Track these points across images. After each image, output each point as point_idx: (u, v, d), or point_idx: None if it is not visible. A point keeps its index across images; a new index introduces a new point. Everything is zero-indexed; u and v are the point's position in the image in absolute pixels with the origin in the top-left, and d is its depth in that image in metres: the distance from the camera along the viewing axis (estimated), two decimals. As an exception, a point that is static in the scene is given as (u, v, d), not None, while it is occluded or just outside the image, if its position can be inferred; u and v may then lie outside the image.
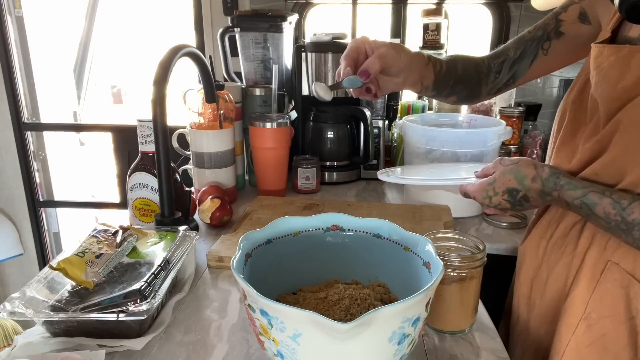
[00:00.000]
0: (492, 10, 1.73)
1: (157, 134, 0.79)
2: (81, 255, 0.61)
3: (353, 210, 1.01)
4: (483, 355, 0.59)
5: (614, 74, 0.59)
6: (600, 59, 0.61)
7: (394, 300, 0.57)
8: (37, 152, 2.03)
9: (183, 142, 1.14)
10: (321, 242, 0.63)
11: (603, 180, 0.62)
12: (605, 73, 0.60)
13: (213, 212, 0.94)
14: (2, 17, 1.81)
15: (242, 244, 0.55)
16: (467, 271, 0.61)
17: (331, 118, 1.28)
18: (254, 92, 1.22)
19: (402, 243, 0.59)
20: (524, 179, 0.65)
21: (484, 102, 1.33)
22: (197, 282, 0.77)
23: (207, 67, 0.93)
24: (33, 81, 1.95)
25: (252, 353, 0.59)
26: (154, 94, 0.78)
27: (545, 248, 0.72)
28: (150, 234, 0.74)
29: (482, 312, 0.68)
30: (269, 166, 1.14)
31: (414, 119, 1.17)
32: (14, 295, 0.57)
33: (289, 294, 0.59)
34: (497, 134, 1.03)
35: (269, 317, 0.44)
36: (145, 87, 1.03)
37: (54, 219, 2.13)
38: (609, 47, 0.60)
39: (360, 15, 1.67)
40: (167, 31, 3.86)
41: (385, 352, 0.45)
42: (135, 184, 0.90)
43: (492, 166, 0.71)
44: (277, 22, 1.25)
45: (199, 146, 1.06)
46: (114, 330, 0.58)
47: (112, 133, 1.96)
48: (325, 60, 1.25)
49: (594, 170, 0.63)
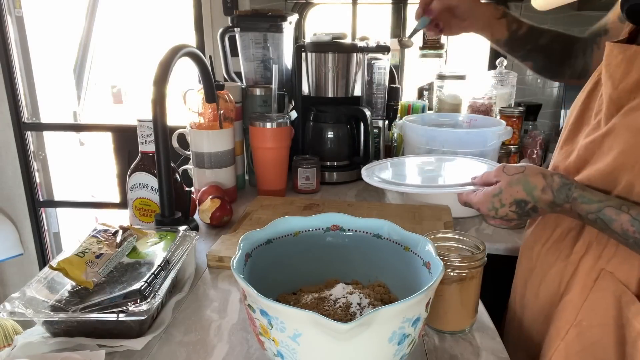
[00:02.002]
0: (492, 10, 1.73)
1: (157, 134, 0.79)
2: (81, 255, 0.61)
3: (353, 210, 1.01)
4: (483, 355, 0.59)
5: (618, 73, 0.58)
6: (610, 58, 0.60)
7: (394, 300, 0.57)
8: (37, 152, 2.03)
9: (183, 142, 1.14)
10: (321, 242, 0.63)
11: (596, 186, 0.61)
12: (611, 72, 0.59)
13: (213, 212, 0.94)
14: (2, 17, 1.81)
15: (242, 244, 0.55)
16: (467, 271, 0.61)
17: (331, 118, 1.28)
18: (254, 92, 1.22)
19: (402, 243, 0.59)
20: (534, 189, 0.61)
21: (484, 102, 1.33)
22: (197, 282, 0.77)
23: (207, 67, 0.93)
24: (33, 81, 1.95)
25: (252, 353, 0.59)
26: (154, 94, 0.78)
27: (540, 252, 0.72)
28: (150, 234, 0.74)
29: (482, 312, 0.68)
30: (269, 166, 1.14)
31: (414, 119, 1.17)
32: (14, 295, 0.57)
33: (289, 294, 0.59)
34: (497, 134, 1.02)
35: (269, 317, 0.44)
36: (145, 87, 1.03)
37: (54, 219, 2.13)
38: (618, 46, 0.59)
39: (360, 15, 1.67)
40: (167, 31, 3.86)
41: (385, 352, 0.45)
42: (135, 184, 0.90)
43: (494, 174, 0.66)
44: (277, 22, 1.25)
45: (199, 146, 1.06)
46: (114, 330, 0.58)
47: (112, 133, 1.96)
48: (326, 60, 1.25)
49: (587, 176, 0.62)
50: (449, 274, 0.60)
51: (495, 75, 1.46)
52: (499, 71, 1.45)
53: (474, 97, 1.36)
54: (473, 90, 1.40)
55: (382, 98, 1.37)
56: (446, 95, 1.42)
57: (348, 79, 1.28)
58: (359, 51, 1.27)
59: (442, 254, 0.60)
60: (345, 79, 1.28)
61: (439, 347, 0.61)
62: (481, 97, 1.35)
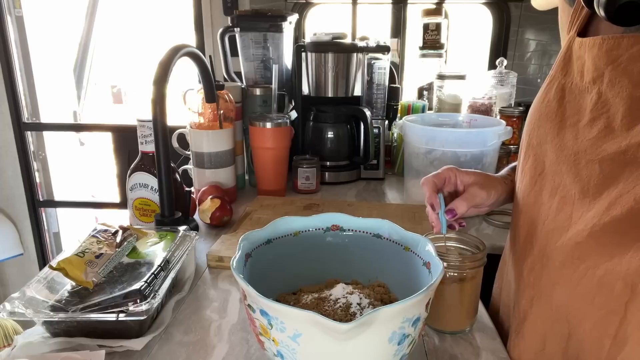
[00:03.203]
0: (492, 10, 1.73)
1: (157, 134, 0.79)
2: (81, 255, 0.61)
3: (353, 210, 1.01)
4: (483, 355, 0.59)
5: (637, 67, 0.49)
6: (618, 52, 0.51)
7: (394, 300, 0.57)
8: (37, 152, 2.03)
9: (183, 142, 1.14)
10: (321, 242, 0.63)
11: None
12: (625, 67, 0.50)
13: (213, 212, 0.94)
14: (2, 17, 1.81)
15: (242, 244, 0.55)
16: (467, 271, 0.61)
17: (331, 118, 1.28)
18: (254, 92, 1.22)
19: (402, 243, 0.59)
20: None
21: (484, 102, 1.33)
22: (197, 282, 0.77)
23: (207, 67, 0.93)
24: (33, 81, 1.96)
25: (252, 353, 0.59)
26: (154, 93, 0.78)
27: None
28: (150, 234, 0.74)
29: (482, 312, 0.68)
30: (269, 166, 1.14)
31: (414, 119, 1.16)
32: (14, 295, 0.57)
33: (289, 294, 0.59)
34: (497, 134, 1.02)
35: (269, 317, 0.44)
36: (145, 87, 1.03)
37: (54, 219, 2.14)
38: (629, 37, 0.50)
39: (360, 15, 1.67)
40: (167, 31, 3.87)
41: (385, 353, 0.45)
42: (135, 184, 0.90)
43: None
44: (277, 22, 1.25)
45: (199, 146, 1.06)
46: (113, 330, 0.58)
47: (112, 133, 1.97)
48: (326, 60, 1.25)
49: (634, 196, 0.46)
50: (449, 274, 0.60)
51: (495, 75, 1.46)
52: (499, 71, 1.45)
53: (474, 97, 1.36)
54: (473, 90, 1.40)
55: (382, 98, 1.37)
56: (446, 95, 1.43)
57: (348, 79, 1.28)
58: (359, 51, 1.27)
59: (442, 254, 0.60)
60: (345, 79, 1.28)
61: (439, 347, 0.61)
62: (481, 97, 1.35)
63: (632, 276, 0.46)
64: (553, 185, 0.57)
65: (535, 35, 1.72)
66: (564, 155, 0.55)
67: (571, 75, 0.57)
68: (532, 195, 0.60)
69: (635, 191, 0.46)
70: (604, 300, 0.49)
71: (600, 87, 0.52)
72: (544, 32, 1.71)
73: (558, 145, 0.56)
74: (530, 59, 1.75)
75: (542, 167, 0.59)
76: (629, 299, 0.46)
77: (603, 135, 0.51)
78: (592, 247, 0.50)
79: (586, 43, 0.54)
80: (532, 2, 0.72)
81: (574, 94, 0.56)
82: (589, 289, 0.50)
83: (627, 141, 0.48)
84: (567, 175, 0.54)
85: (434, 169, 1.03)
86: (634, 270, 0.45)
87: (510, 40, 1.72)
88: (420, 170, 1.08)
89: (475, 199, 0.66)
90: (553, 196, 0.56)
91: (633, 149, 0.47)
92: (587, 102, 0.54)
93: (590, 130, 0.52)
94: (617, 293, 0.47)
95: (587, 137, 0.53)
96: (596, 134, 0.52)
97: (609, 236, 0.48)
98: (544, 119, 0.59)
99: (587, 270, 0.50)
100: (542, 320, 0.57)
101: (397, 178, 1.36)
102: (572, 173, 0.54)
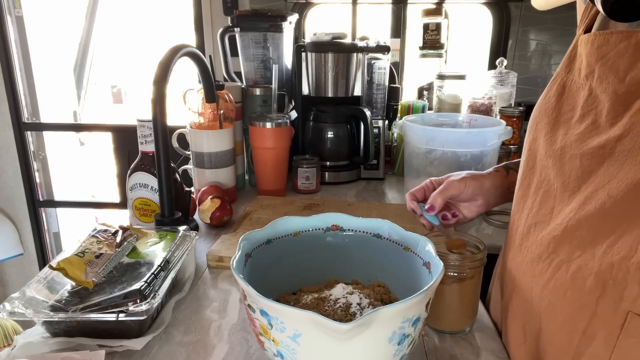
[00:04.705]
0: (492, 10, 1.73)
1: (157, 134, 0.79)
2: (81, 255, 0.61)
3: (353, 210, 1.01)
4: (483, 355, 0.59)
5: (623, 63, 0.49)
6: (606, 49, 0.51)
7: (394, 300, 0.57)
8: (37, 152, 2.03)
9: (183, 142, 1.14)
10: (321, 242, 0.63)
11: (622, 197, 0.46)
12: (612, 63, 0.51)
13: (213, 212, 0.94)
14: (2, 17, 1.81)
15: (242, 244, 0.55)
16: (467, 271, 0.61)
17: (331, 118, 1.28)
18: (254, 92, 1.22)
19: (402, 243, 0.59)
20: None
21: (484, 102, 1.33)
22: (197, 282, 0.77)
23: (207, 67, 0.93)
24: (33, 81, 1.96)
25: (252, 353, 0.59)
26: (154, 93, 0.78)
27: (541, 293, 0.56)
28: (150, 234, 0.74)
29: (482, 312, 0.68)
30: (269, 166, 1.14)
31: (414, 119, 1.16)
32: (14, 295, 0.57)
33: (289, 294, 0.59)
34: (497, 134, 1.02)
35: (269, 317, 0.44)
36: (145, 87, 1.03)
37: (54, 219, 2.14)
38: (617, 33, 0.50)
39: (360, 15, 1.67)
40: (167, 31, 3.87)
41: (385, 353, 0.45)
42: (135, 184, 0.90)
43: None
44: (277, 22, 1.25)
45: (199, 146, 1.06)
46: (113, 330, 0.58)
47: (112, 133, 1.97)
48: (325, 60, 1.25)
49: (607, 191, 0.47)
50: (449, 274, 0.60)
51: (495, 75, 1.46)
52: (499, 71, 1.45)
53: (474, 97, 1.36)
54: (473, 90, 1.40)
55: (382, 98, 1.37)
56: (446, 95, 1.43)
57: (348, 79, 1.28)
58: (359, 51, 1.27)
59: (442, 254, 0.60)
60: (345, 79, 1.28)
61: (439, 347, 0.61)
62: (481, 97, 1.35)
63: (604, 272, 0.46)
64: (539, 180, 0.57)
65: (536, 35, 1.72)
66: (552, 150, 0.56)
67: (572, 72, 0.57)
68: (522, 188, 0.61)
69: (610, 186, 0.47)
70: (576, 295, 0.49)
71: (591, 84, 0.53)
72: (544, 32, 1.71)
73: (549, 141, 0.57)
74: (531, 59, 1.75)
75: (534, 161, 0.60)
76: (600, 294, 0.47)
77: (589, 130, 0.51)
78: (566, 242, 0.51)
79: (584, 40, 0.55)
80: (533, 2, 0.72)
81: (572, 90, 0.56)
82: (562, 283, 0.51)
83: (607, 136, 0.48)
84: (552, 170, 0.55)
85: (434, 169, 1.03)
86: (606, 267, 0.46)
87: (510, 40, 1.73)
88: (420, 170, 1.08)
89: (449, 189, 0.70)
90: (538, 190, 0.57)
91: (611, 143, 0.48)
92: (580, 98, 0.54)
93: (579, 126, 0.53)
94: (588, 289, 0.48)
95: (574, 133, 0.53)
96: (583, 129, 0.52)
97: (582, 231, 0.49)
98: (542, 115, 0.60)
99: (562, 265, 0.51)
100: (520, 313, 0.58)
101: (397, 178, 1.36)
102: (556, 167, 0.54)
